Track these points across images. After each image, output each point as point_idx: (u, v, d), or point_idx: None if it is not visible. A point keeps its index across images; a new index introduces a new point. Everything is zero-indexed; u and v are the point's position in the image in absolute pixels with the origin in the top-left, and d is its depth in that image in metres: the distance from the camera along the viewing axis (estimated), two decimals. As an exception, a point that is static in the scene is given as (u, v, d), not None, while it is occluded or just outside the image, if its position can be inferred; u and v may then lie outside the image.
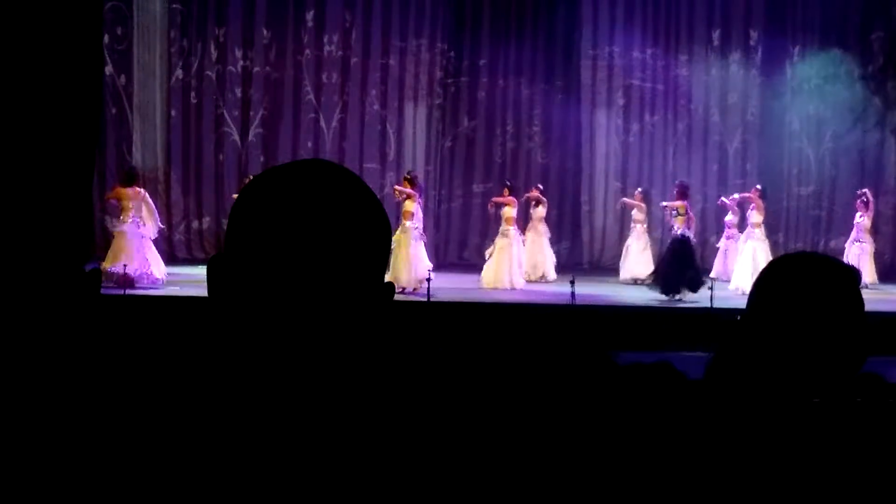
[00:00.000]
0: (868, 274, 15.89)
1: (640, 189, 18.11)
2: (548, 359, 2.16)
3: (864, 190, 17.24)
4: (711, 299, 13.59)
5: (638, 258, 17.16)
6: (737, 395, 2.13)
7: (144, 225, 14.82)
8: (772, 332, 2.14)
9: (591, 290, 15.14)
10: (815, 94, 20.19)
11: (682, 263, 15.02)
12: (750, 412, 2.10)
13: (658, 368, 2.33)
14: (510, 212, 16.19)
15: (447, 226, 20.18)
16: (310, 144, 19.50)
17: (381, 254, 1.43)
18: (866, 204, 16.79)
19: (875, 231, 17.33)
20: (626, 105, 20.54)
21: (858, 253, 16.40)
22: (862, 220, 16.77)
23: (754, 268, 15.55)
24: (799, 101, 20.29)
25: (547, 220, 17.96)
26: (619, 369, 2.24)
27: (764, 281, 2.21)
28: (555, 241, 19.56)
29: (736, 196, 17.29)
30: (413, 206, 14.98)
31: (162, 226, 15.57)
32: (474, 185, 20.21)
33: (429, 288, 13.54)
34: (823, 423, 2.10)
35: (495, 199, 16.97)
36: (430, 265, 14.87)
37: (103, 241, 15.44)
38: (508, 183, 17.14)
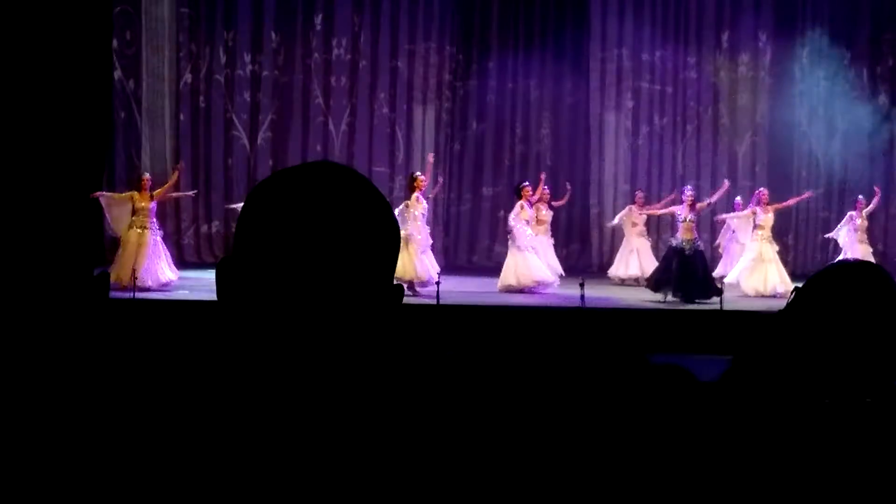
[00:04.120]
0: None
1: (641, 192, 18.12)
2: (559, 361, 2.15)
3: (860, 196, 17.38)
4: (721, 301, 13.58)
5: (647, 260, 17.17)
6: (772, 394, 2.12)
7: (151, 230, 14.86)
8: (818, 336, 2.13)
9: (601, 293, 15.13)
10: (824, 95, 20.15)
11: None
12: (786, 412, 2.09)
13: (669, 371, 2.32)
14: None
15: (456, 229, 20.18)
16: (319, 148, 19.52)
17: (390, 256, 1.43)
18: (858, 206, 16.95)
19: (870, 233, 17.37)
20: (634, 107, 20.50)
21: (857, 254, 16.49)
22: (860, 221, 16.87)
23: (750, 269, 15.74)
24: (808, 102, 20.25)
25: (556, 222, 17.98)
26: (647, 369, 2.23)
27: (817, 285, 2.20)
28: (564, 244, 19.55)
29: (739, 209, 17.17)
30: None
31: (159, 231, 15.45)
32: (483, 189, 20.20)
33: (438, 291, 13.54)
34: (861, 425, 2.09)
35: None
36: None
37: (111, 246, 15.43)
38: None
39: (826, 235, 18.20)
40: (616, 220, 17.97)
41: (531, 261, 15.61)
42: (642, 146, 20.59)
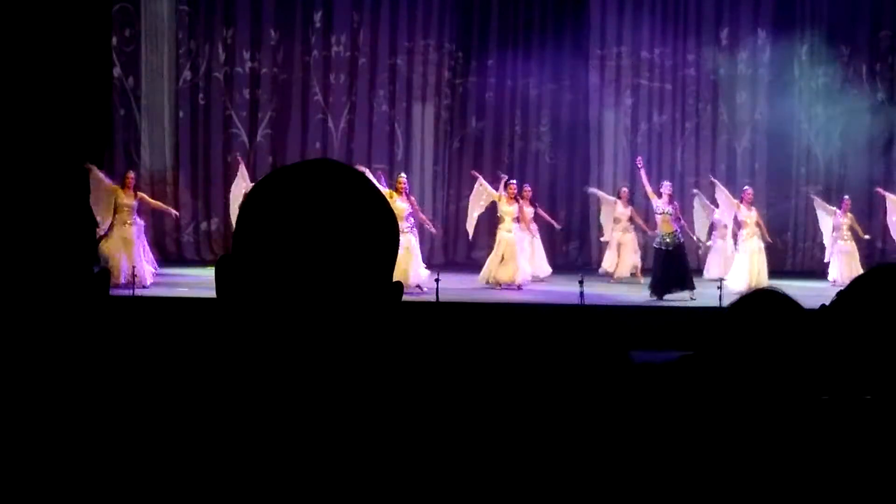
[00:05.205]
0: (847, 272, 15.97)
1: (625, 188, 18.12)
2: (558, 359, 2.16)
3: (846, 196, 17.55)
4: (721, 298, 13.59)
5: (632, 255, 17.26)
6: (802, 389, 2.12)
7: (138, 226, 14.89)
8: (858, 335, 2.13)
9: (600, 290, 15.13)
10: (822, 92, 20.15)
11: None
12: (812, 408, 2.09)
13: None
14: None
15: (455, 226, 20.16)
16: (318, 145, 19.52)
17: (389, 254, 1.43)
18: (843, 206, 17.11)
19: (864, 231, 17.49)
20: (634, 105, 20.50)
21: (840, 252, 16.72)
22: (843, 220, 16.98)
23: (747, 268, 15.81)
24: (807, 100, 20.25)
25: (555, 220, 18.07)
26: (635, 368, 2.23)
27: (859, 287, 2.20)
28: (563, 242, 19.55)
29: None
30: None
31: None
32: (483, 186, 20.20)
33: (437, 288, 13.53)
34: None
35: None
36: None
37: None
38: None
39: (812, 195, 18.38)
40: (596, 191, 18.14)
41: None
42: (641, 144, 20.57)
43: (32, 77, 13.24)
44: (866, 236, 17.48)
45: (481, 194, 16.59)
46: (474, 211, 16.69)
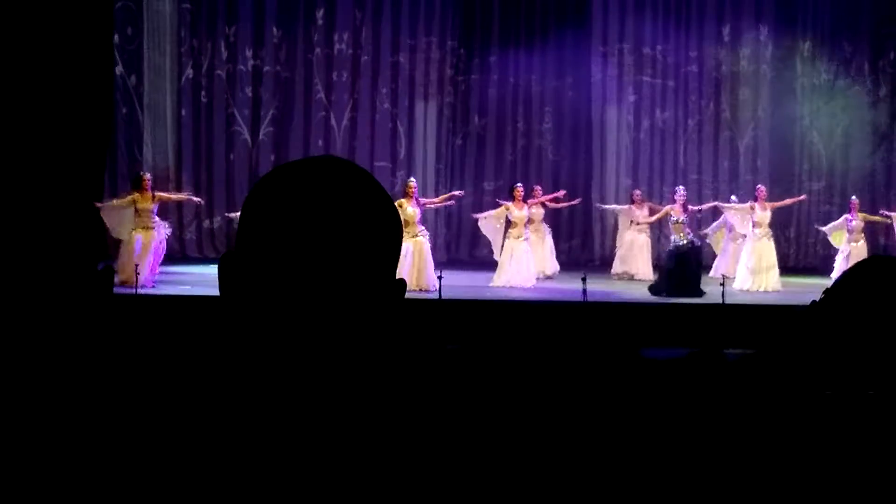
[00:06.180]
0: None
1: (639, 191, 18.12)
2: (562, 355, 2.16)
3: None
4: (723, 295, 13.58)
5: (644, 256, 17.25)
6: (797, 386, 2.12)
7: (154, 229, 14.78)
8: (851, 330, 2.13)
9: (603, 288, 15.12)
10: (825, 89, 20.14)
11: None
12: (812, 405, 2.09)
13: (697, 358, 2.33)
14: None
15: (458, 223, 20.16)
16: (320, 143, 19.51)
17: (392, 251, 1.43)
18: (852, 207, 17.08)
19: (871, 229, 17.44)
20: (636, 102, 20.49)
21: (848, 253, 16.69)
22: (854, 223, 16.93)
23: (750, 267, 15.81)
24: (809, 96, 20.24)
25: (558, 217, 18.06)
26: (644, 365, 2.23)
27: (850, 281, 2.20)
28: (566, 239, 19.55)
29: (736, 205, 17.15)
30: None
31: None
32: (485, 183, 20.19)
33: (440, 285, 13.54)
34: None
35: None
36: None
37: (114, 241, 15.35)
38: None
39: (819, 227, 18.22)
40: (610, 208, 18.22)
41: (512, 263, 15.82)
42: (644, 140, 20.57)
43: (35, 75, 13.24)
44: (887, 220, 17.35)
45: (491, 224, 16.45)
46: (496, 237, 16.49)
